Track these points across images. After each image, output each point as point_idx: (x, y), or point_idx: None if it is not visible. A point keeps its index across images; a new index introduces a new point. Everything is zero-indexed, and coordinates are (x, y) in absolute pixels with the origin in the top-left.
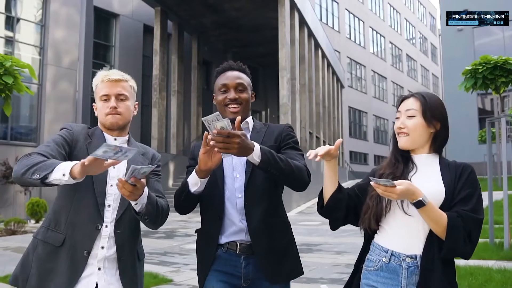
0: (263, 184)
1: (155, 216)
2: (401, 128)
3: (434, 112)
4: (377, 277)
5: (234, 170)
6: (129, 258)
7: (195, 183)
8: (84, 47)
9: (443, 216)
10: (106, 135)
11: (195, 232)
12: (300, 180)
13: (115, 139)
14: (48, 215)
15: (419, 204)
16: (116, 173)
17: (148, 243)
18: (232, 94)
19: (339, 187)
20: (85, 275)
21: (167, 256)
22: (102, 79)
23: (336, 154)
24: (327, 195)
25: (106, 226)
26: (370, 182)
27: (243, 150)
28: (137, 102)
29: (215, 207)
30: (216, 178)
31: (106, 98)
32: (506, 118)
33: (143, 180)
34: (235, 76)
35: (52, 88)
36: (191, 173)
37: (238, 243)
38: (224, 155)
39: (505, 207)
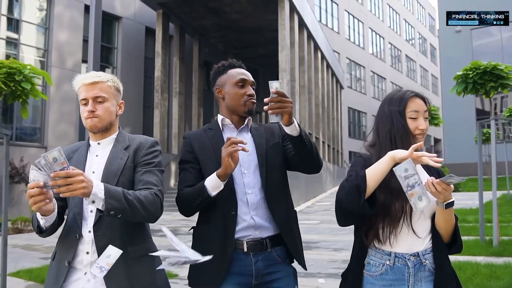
0: (280, 178)
1: (131, 211)
2: (423, 130)
3: None
4: (383, 281)
5: (241, 166)
6: None
7: (217, 186)
8: (93, 51)
9: (453, 216)
10: (91, 142)
11: (189, 230)
12: (319, 160)
13: (99, 143)
14: None
15: (451, 204)
16: (96, 178)
17: (154, 241)
18: (251, 90)
19: None
20: (73, 280)
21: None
22: (79, 84)
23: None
24: (372, 189)
25: (89, 231)
26: (437, 181)
27: (291, 113)
28: (122, 101)
29: (227, 203)
30: None
31: (85, 102)
32: (496, 121)
33: (74, 169)
34: (249, 74)
35: (56, 89)
36: (189, 171)
37: (245, 241)
38: (272, 118)
39: (494, 206)
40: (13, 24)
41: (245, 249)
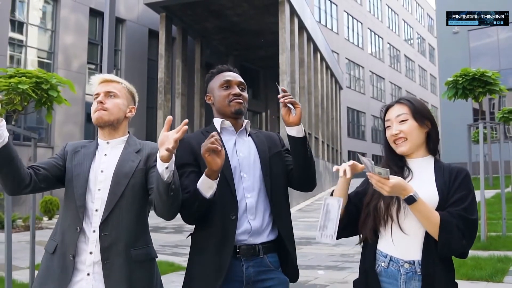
0: (283, 184)
1: (177, 193)
2: (397, 134)
3: (423, 112)
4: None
5: (241, 170)
6: (116, 261)
7: (209, 186)
8: (107, 55)
9: (435, 213)
10: (100, 141)
11: (187, 237)
12: (314, 179)
13: (108, 142)
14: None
15: (410, 200)
16: (104, 177)
17: (160, 237)
18: (236, 90)
19: (348, 198)
20: (76, 281)
21: (179, 248)
22: (97, 82)
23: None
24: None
25: (94, 231)
26: (367, 173)
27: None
28: (134, 106)
29: (227, 207)
30: (225, 178)
31: (97, 96)
32: (492, 123)
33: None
34: (236, 75)
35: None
36: (188, 177)
37: (236, 246)
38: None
39: (482, 203)
40: (20, 27)
41: (237, 254)
